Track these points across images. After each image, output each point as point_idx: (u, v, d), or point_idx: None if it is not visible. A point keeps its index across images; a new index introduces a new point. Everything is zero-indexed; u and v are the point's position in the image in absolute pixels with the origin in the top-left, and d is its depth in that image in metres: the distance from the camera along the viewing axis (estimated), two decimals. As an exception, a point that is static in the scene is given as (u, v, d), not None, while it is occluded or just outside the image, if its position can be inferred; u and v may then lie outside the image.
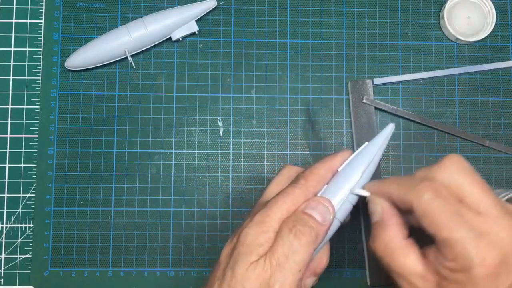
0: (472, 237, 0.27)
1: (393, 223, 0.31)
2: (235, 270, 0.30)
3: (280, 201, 0.32)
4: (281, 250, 0.30)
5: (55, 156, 0.47)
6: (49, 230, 0.46)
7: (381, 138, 0.34)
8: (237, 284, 0.29)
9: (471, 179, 0.29)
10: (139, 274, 0.46)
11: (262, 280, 0.29)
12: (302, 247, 0.30)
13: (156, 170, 0.47)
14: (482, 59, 0.49)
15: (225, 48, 0.49)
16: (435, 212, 0.28)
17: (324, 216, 0.32)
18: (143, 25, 0.46)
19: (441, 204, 0.28)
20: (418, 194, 0.29)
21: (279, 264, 0.30)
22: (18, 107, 0.48)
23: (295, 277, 0.30)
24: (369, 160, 0.34)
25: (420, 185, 0.29)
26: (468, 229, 0.27)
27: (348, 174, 0.34)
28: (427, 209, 0.28)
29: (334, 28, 0.49)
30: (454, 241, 0.27)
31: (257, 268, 0.30)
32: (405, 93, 0.48)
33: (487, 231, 0.27)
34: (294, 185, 0.33)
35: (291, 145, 0.48)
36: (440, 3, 0.50)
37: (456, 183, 0.29)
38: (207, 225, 0.47)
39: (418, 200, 0.29)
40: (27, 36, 0.49)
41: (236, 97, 0.48)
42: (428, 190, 0.29)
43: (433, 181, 0.29)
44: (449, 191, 0.29)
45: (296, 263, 0.30)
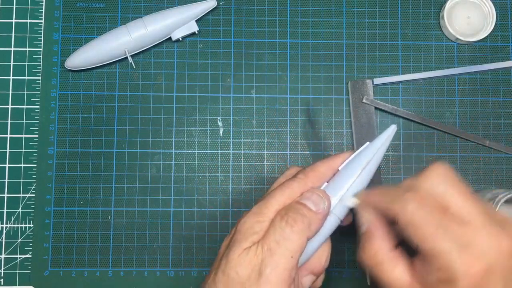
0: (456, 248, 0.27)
1: (380, 234, 0.31)
2: (229, 257, 0.31)
3: (278, 194, 0.33)
4: (273, 237, 0.30)
5: (55, 156, 0.47)
6: (49, 230, 0.46)
7: (383, 138, 0.35)
8: (231, 270, 0.30)
9: (455, 188, 0.29)
10: (139, 274, 0.46)
11: (254, 265, 0.30)
12: (294, 234, 0.30)
13: (156, 170, 0.47)
14: (482, 59, 0.49)
15: (225, 48, 0.49)
16: (419, 223, 0.28)
17: (318, 204, 0.32)
18: (143, 25, 0.46)
19: (425, 215, 0.28)
20: (402, 205, 0.29)
21: (270, 249, 0.30)
22: (18, 107, 0.48)
23: (287, 263, 0.30)
24: (369, 158, 0.34)
25: (405, 196, 0.29)
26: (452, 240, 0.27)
27: (348, 172, 0.34)
28: (410, 220, 0.28)
29: (334, 28, 0.49)
30: (438, 252, 0.27)
31: (249, 254, 0.30)
32: (405, 93, 0.48)
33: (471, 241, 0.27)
34: (292, 179, 0.34)
35: (291, 145, 0.48)
36: (440, 3, 0.50)
37: (440, 193, 0.29)
38: (207, 225, 0.47)
39: (402, 210, 0.29)
40: (27, 36, 0.49)
41: (236, 97, 0.48)
42: (412, 201, 0.29)
43: (417, 191, 0.29)
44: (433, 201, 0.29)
45: (288, 249, 0.30)
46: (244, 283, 0.29)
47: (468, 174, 0.48)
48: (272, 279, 0.29)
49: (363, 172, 0.34)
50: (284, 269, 0.30)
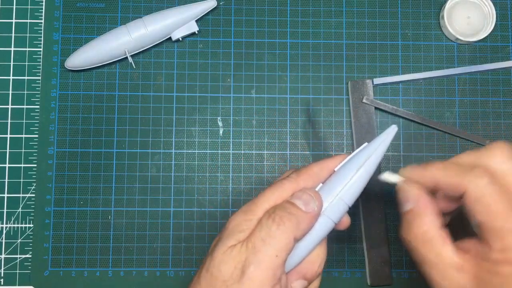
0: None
1: (430, 211, 0.30)
2: (213, 254, 0.30)
3: (268, 192, 0.32)
4: (258, 234, 0.30)
5: (55, 156, 0.47)
6: (49, 230, 0.46)
7: (381, 138, 0.34)
8: (214, 268, 0.30)
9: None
10: (139, 274, 0.46)
11: (237, 263, 0.29)
12: (280, 232, 0.29)
13: (156, 170, 0.47)
14: (482, 59, 0.49)
15: (225, 48, 0.49)
16: (491, 200, 0.27)
17: (308, 204, 0.31)
18: (143, 25, 0.46)
19: (498, 192, 0.27)
20: (474, 180, 0.28)
21: (254, 247, 0.29)
22: (18, 107, 0.48)
23: (271, 262, 0.29)
24: (365, 159, 0.33)
25: (474, 171, 0.28)
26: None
27: (343, 173, 0.33)
28: (482, 195, 0.28)
29: (334, 28, 0.49)
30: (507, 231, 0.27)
31: (233, 251, 0.30)
32: (405, 93, 0.48)
33: None
34: (284, 179, 0.33)
35: (291, 145, 0.48)
36: (440, 3, 0.50)
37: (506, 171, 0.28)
38: (207, 225, 0.47)
39: (474, 186, 0.28)
40: (27, 36, 0.49)
41: (236, 97, 0.48)
42: (485, 176, 0.28)
43: (485, 168, 0.28)
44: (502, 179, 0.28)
45: (272, 247, 0.29)
46: (226, 280, 0.29)
47: (468, 174, 0.48)
48: (254, 278, 0.29)
49: (358, 173, 0.32)
50: (267, 268, 0.29)
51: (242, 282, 0.29)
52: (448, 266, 0.29)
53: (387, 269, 0.46)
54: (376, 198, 0.46)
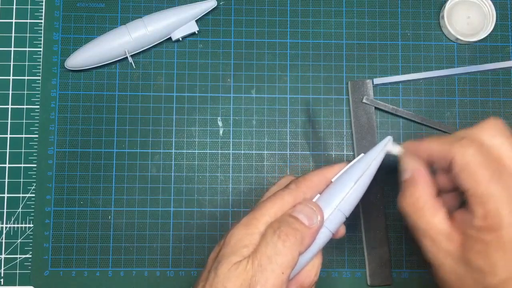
0: (507, 196, 0.27)
1: (423, 181, 0.31)
2: (218, 271, 0.30)
3: (268, 205, 0.32)
4: (264, 251, 0.30)
5: (55, 156, 0.47)
6: (49, 230, 0.46)
7: (378, 149, 0.34)
8: (219, 284, 0.29)
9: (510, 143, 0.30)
10: (139, 274, 0.46)
11: (243, 281, 0.29)
12: (286, 249, 0.30)
13: (156, 170, 0.47)
14: (482, 59, 0.49)
15: (225, 48, 0.49)
16: (476, 167, 0.29)
17: (311, 219, 0.31)
18: (143, 25, 0.46)
19: (483, 160, 0.29)
20: (461, 149, 0.29)
21: (261, 265, 0.29)
22: (18, 107, 0.48)
23: (277, 279, 0.29)
24: (363, 170, 0.33)
25: (463, 141, 0.30)
26: (505, 188, 0.28)
27: (341, 184, 0.33)
28: (468, 163, 0.29)
29: (334, 28, 0.49)
30: (489, 196, 0.28)
31: (239, 269, 0.29)
32: (405, 93, 0.48)
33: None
34: (283, 190, 0.33)
35: (291, 145, 0.48)
36: (440, 3, 0.50)
37: (496, 144, 0.30)
38: (207, 225, 0.47)
39: (461, 154, 0.29)
40: (27, 36, 0.49)
41: (236, 97, 0.48)
42: (471, 146, 0.29)
43: (474, 139, 0.30)
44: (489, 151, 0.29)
45: (279, 265, 0.29)
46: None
47: (468, 174, 0.48)
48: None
49: (356, 185, 0.33)
50: (273, 285, 0.29)
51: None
52: (437, 233, 0.30)
53: (387, 269, 0.46)
54: (376, 199, 0.46)
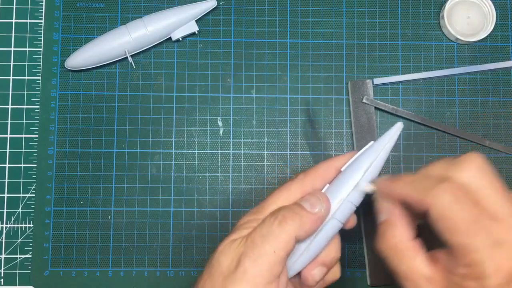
0: (489, 246, 0.26)
1: (402, 223, 0.30)
2: (217, 248, 0.31)
3: (276, 194, 0.33)
4: (259, 230, 0.30)
5: (55, 156, 0.47)
6: (49, 230, 0.46)
7: (387, 137, 0.33)
8: (214, 259, 0.30)
9: (490, 183, 0.28)
10: (139, 274, 0.46)
11: (234, 256, 0.30)
12: (281, 230, 0.30)
13: (156, 170, 0.47)
14: (482, 59, 0.49)
15: (225, 48, 0.49)
16: (453, 217, 0.27)
17: (314, 205, 0.31)
18: (143, 25, 0.46)
19: (460, 209, 0.27)
20: (436, 198, 0.28)
21: (253, 242, 0.30)
22: (18, 107, 0.48)
23: (267, 257, 0.29)
24: (372, 160, 0.32)
25: (438, 187, 0.28)
26: (486, 236, 0.26)
27: (351, 174, 0.32)
28: (445, 213, 0.27)
29: (334, 28, 0.49)
30: (470, 248, 0.26)
31: (233, 245, 0.30)
32: (405, 93, 0.48)
33: (504, 239, 0.26)
34: (291, 180, 0.34)
35: (291, 145, 0.48)
36: (440, 3, 0.50)
37: (475, 186, 0.28)
38: (207, 225, 0.47)
39: (436, 204, 0.27)
40: (27, 36, 0.49)
41: (236, 97, 0.48)
42: (447, 194, 0.27)
43: (451, 182, 0.28)
44: (467, 194, 0.28)
45: (271, 244, 0.29)
46: (223, 272, 0.29)
47: (468, 174, 0.48)
48: (249, 271, 0.29)
49: (366, 175, 0.32)
50: (263, 262, 0.29)
51: (236, 274, 0.29)
52: (419, 277, 0.29)
53: (387, 269, 0.46)
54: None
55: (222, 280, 0.29)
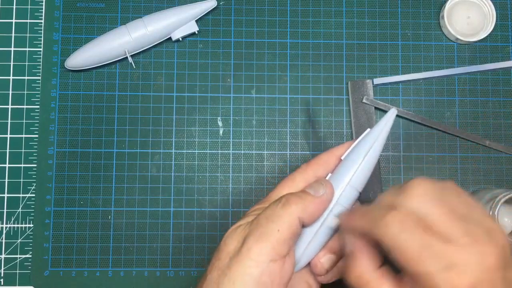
0: (442, 269, 0.26)
1: (364, 255, 0.30)
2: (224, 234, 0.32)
3: (281, 185, 0.34)
4: (264, 214, 0.31)
5: (55, 156, 0.47)
6: (49, 230, 0.46)
7: (382, 123, 0.34)
8: (221, 243, 0.31)
9: (438, 206, 0.28)
10: (139, 274, 0.46)
11: (240, 238, 0.30)
12: (285, 212, 0.30)
13: (156, 170, 0.47)
14: (482, 59, 0.49)
15: (225, 48, 0.49)
16: (403, 246, 0.27)
17: (317, 189, 0.32)
18: (143, 25, 0.46)
19: (408, 237, 0.27)
20: (384, 229, 0.28)
21: (257, 223, 0.30)
22: (18, 107, 0.48)
23: (271, 236, 0.30)
24: (370, 145, 0.33)
25: (386, 218, 0.28)
26: (437, 261, 0.26)
27: (351, 161, 0.33)
28: (394, 243, 0.27)
29: (334, 28, 0.49)
30: (423, 274, 0.26)
31: (239, 229, 0.31)
32: (405, 93, 0.48)
33: (455, 261, 0.26)
34: (296, 171, 0.35)
35: (291, 145, 0.48)
36: (440, 3, 0.50)
37: (422, 211, 0.28)
38: (207, 225, 0.47)
39: (385, 234, 0.28)
40: (27, 36, 0.49)
41: (236, 97, 0.48)
42: (394, 223, 0.28)
43: (398, 211, 0.28)
44: (416, 220, 0.28)
45: (275, 223, 0.30)
46: (230, 252, 0.30)
47: (468, 174, 0.48)
48: (252, 248, 0.29)
49: (365, 160, 0.33)
50: (266, 240, 0.29)
51: (241, 252, 0.29)
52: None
53: None
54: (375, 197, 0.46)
55: (229, 260, 0.30)
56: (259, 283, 0.29)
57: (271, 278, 0.29)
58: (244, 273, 0.29)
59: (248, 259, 0.29)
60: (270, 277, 0.29)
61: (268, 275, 0.29)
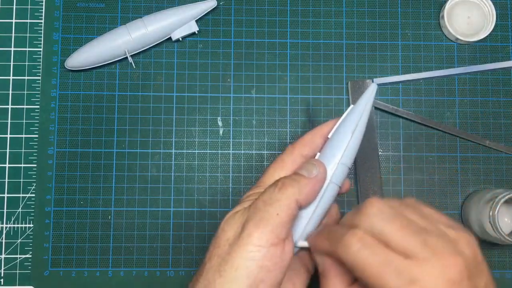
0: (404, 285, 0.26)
1: (333, 274, 0.31)
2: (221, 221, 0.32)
3: (272, 167, 0.34)
4: (261, 197, 0.31)
5: (55, 156, 0.47)
6: (49, 230, 0.46)
7: (364, 99, 0.35)
8: (219, 230, 0.31)
9: (393, 224, 0.28)
10: (139, 274, 0.46)
11: (239, 224, 0.30)
12: (282, 195, 0.30)
13: (156, 170, 0.47)
14: (482, 59, 0.49)
15: (225, 48, 0.49)
16: (364, 264, 0.27)
17: (310, 170, 0.32)
18: (143, 25, 0.46)
19: (368, 255, 0.27)
20: (344, 248, 0.28)
21: (256, 208, 0.30)
22: (18, 107, 0.48)
23: (270, 219, 0.30)
24: (356, 121, 0.34)
25: (345, 237, 0.29)
26: (399, 277, 0.26)
27: (338, 138, 0.34)
28: (355, 261, 0.28)
29: (334, 28, 0.49)
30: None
31: (237, 215, 0.31)
32: (405, 93, 0.48)
33: (417, 276, 0.26)
34: (283, 153, 0.35)
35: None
36: (440, 3, 0.50)
37: (379, 230, 0.28)
38: (207, 225, 0.47)
39: (346, 254, 0.28)
40: (27, 36, 0.49)
41: (236, 97, 0.48)
42: (354, 242, 0.28)
43: (357, 230, 0.29)
44: (375, 238, 0.28)
45: (273, 206, 0.30)
46: (229, 238, 0.30)
47: (468, 174, 0.48)
48: (252, 232, 0.29)
49: (354, 136, 0.34)
50: (266, 224, 0.29)
51: (242, 237, 0.29)
52: None
53: None
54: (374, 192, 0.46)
55: (228, 246, 0.30)
56: (261, 267, 0.29)
57: (272, 261, 0.29)
58: (247, 258, 0.29)
59: (249, 244, 0.29)
60: (272, 261, 0.29)
61: (270, 259, 0.29)
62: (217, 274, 0.29)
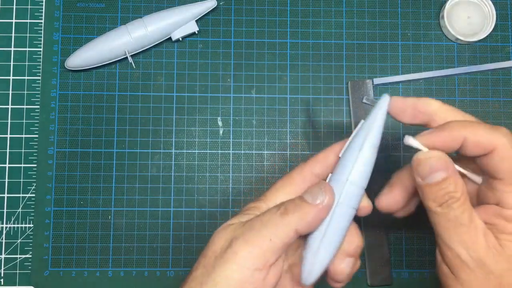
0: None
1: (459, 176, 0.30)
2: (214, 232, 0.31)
3: (279, 183, 0.33)
4: (261, 217, 0.30)
5: (55, 156, 0.47)
6: (49, 230, 0.46)
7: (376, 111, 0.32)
8: (210, 241, 0.31)
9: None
10: (139, 274, 0.46)
11: (228, 237, 0.30)
12: (282, 220, 0.29)
13: (156, 170, 0.47)
14: (482, 59, 0.49)
15: (225, 48, 0.49)
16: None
17: (315, 196, 0.30)
18: (143, 25, 0.46)
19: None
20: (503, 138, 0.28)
21: (251, 227, 0.29)
22: (18, 107, 0.48)
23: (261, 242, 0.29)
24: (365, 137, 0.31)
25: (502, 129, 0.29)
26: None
27: (347, 157, 0.32)
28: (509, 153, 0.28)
29: (334, 28, 0.49)
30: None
31: (229, 227, 0.30)
32: (405, 93, 0.48)
33: None
34: (293, 170, 0.34)
35: (291, 145, 0.48)
36: (440, 3, 0.50)
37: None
38: (207, 225, 0.47)
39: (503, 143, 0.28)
40: (27, 36, 0.49)
41: (236, 97, 0.48)
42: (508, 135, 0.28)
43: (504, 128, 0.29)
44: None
45: (269, 230, 0.29)
46: (216, 251, 0.30)
47: (468, 174, 0.48)
48: (238, 252, 0.29)
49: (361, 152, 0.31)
50: (255, 246, 0.29)
51: (226, 253, 0.29)
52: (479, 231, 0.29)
53: (387, 269, 0.46)
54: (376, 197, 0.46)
55: (214, 259, 0.29)
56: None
57: (254, 285, 0.29)
58: (227, 277, 0.28)
59: (233, 263, 0.28)
60: (254, 285, 0.29)
61: (252, 283, 0.28)
62: (199, 286, 0.29)
